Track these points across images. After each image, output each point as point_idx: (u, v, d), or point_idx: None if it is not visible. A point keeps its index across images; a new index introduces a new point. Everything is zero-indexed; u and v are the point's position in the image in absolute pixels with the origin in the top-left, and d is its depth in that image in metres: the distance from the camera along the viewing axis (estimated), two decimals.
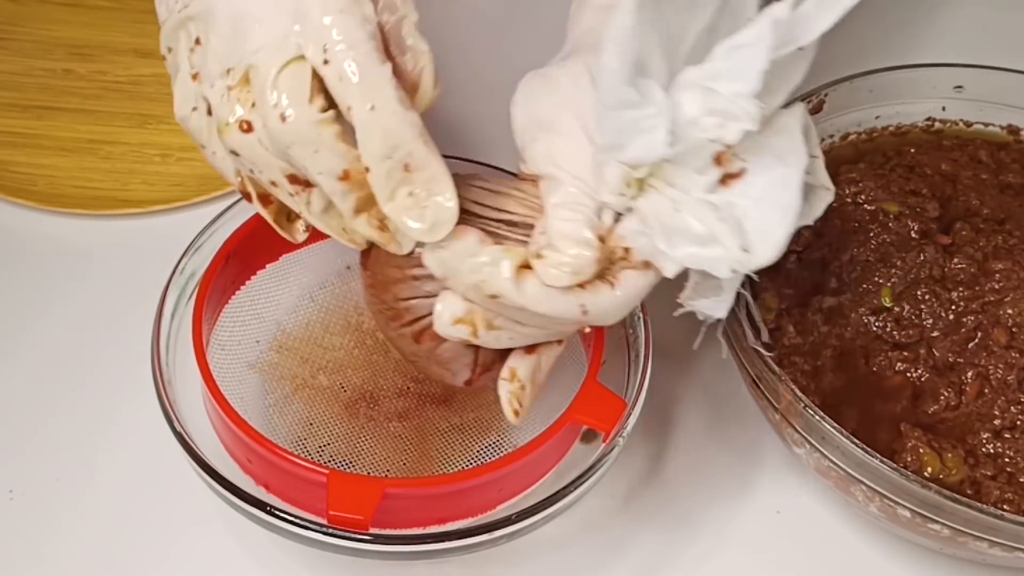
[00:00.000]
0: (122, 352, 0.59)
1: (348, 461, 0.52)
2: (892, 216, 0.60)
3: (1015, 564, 0.51)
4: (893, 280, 0.57)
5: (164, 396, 0.49)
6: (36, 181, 0.67)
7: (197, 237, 0.55)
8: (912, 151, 0.65)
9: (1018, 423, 0.53)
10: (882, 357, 0.55)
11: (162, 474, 0.55)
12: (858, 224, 0.60)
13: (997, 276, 0.57)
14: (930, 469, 0.51)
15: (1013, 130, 0.66)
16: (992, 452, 0.52)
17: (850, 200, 0.61)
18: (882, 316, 0.57)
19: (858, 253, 0.59)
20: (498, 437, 0.54)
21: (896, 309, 0.57)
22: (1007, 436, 0.53)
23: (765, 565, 0.55)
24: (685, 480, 0.57)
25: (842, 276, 0.58)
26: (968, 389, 0.54)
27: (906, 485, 0.47)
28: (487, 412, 0.54)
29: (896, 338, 0.56)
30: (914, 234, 0.59)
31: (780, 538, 0.55)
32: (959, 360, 0.55)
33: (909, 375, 0.55)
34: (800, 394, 0.50)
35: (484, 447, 0.53)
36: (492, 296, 0.42)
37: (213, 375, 0.49)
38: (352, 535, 0.45)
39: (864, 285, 0.57)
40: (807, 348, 0.56)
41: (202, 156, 0.47)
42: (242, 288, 0.55)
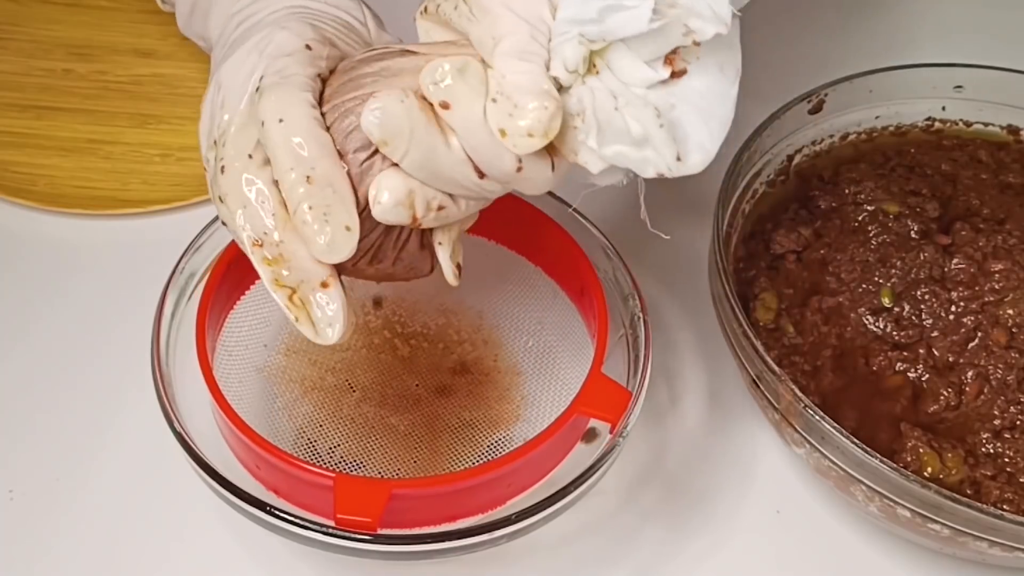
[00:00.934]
0: (122, 352, 0.59)
1: (359, 461, 0.52)
2: (892, 216, 0.60)
3: (1015, 564, 0.51)
4: (893, 280, 0.57)
5: (164, 396, 0.49)
6: (36, 181, 0.67)
7: (197, 237, 0.55)
8: (912, 151, 0.65)
9: (1018, 423, 0.53)
10: (882, 357, 0.55)
11: (162, 474, 0.55)
12: (858, 224, 0.60)
13: (997, 276, 0.57)
14: (930, 469, 0.51)
15: (1013, 130, 0.66)
16: (992, 452, 0.52)
17: (850, 200, 0.61)
18: (882, 316, 0.57)
19: (858, 253, 0.59)
20: (507, 432, 0.54)
21: (896, 309, 0.57)
22: (1007, 436, 0.53)
23: (765, 565, 0.55)
24: (685, 480, 0.57)
25: (842, 276, 0.58)
26: (968, 389, 0.54)
27: (906, 485, 0.47)
28: (495, 408, 0.55)
29: (896, 338, 0.56)
30: (914, 234, 0.59)
31: (780, 538, 0.55)
32: (959, 360, 0.55)
33: (909, 375, 0.55)
34: (800, 394, 0.50)
35: (493, 442, 0.53)
36: (443, 104, 0.41)
37: (219, 385, 0.49)
38: (351, 535, 0.45)
39: (864, 285, 0.58)
40: (807, 348, 0.56)
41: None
42: (247, 292, 0.55)
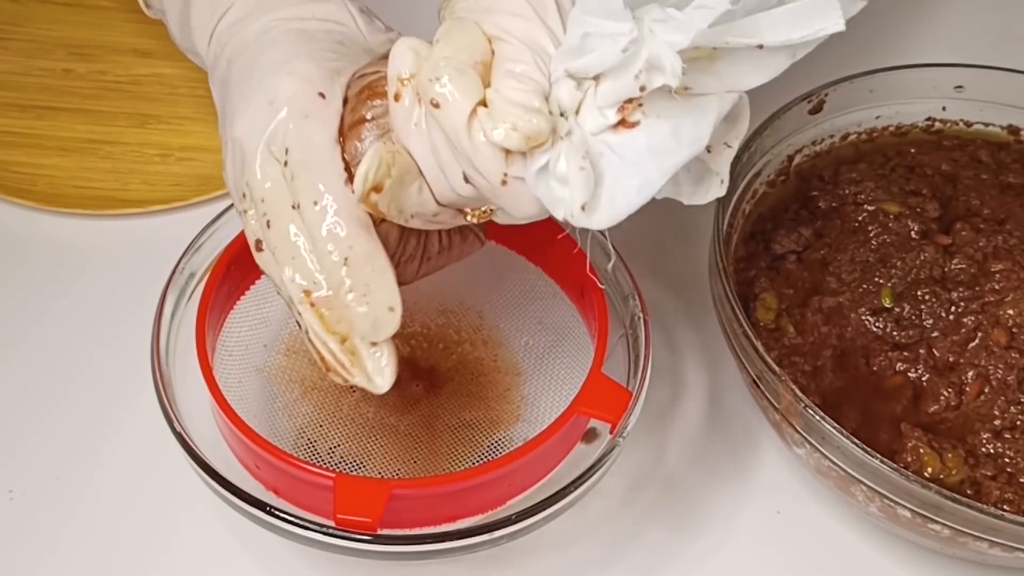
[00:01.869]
0: (122, 352, 0.59)
1: (359, 461, 0.52)
2: (892, 216, 0.60)
3: (1015, 564, 0.51)
4: (893, 280, 0.57)
5: (164, 396, 0.49)
6: (36, 181, 0.67)
7: (197, 237, 0.55)
8: (912, 151, 0.65)
9: (1018, 423, 0.53)
10: (882, 357, 0.55)
11: (162, 474, 0.55)
12: (858, 224, 0.60)
13: (997, 276, 0.57)
14: (930, 469, 0.51)
15: (1013, 130, 0.66)
16: (992, 452, 0.52)
17: (850, 200, 0.61)
18: (882, 316, 0.57)
19: (858, 253, 0.59)
20: (507, 432, 0.54)
21: (896, 309, 0.57)
22: (1007, 436, 0.53)
23: (765, 565, 0.55)
24: (685, 480, 0.57)
25: (842, 276, 0.58)
26: (968, 389, 0.54)
27: (906, 485, 0.47)
28: (495, 408, 0.55)
29: (896, 338, 0.56)
30: (914, 234, 0.59)
31: (780, 538, 0.55)
32: (959, 360, 0.55)
33: (909, 375, 0.55)
34: (800, 394, 0.50)
35: (493, 442, 0.53)
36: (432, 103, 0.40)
37: (219, 385, 0.49)
38: (351, 535, 0.45)
39: (864, 285, 0.57)
40: (807, 348, 0.56)
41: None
42: (247, 293, 0.55)
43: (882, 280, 0.57)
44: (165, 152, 0.69)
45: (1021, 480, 0.52)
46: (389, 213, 0.43)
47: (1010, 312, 0.55)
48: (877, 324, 0.56)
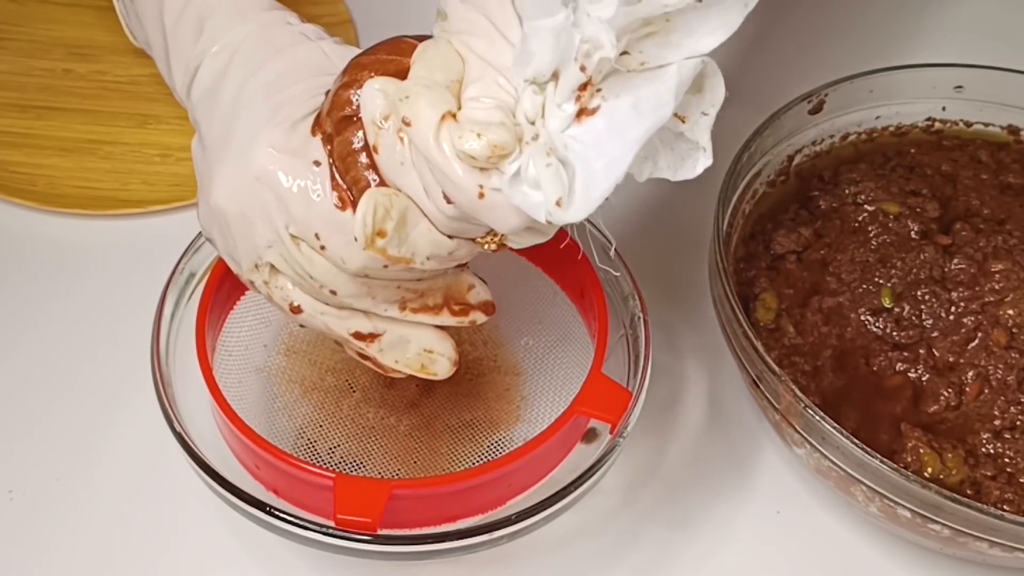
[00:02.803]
0: (122, 352, 0.59)
1: (359, 461, 0.52)
2: (892, 216, 0.60)
3: (1015, 564, 0.51)
4: (893, 280, 0.57)
5: (164, 396, 0.49)
6: (36, 181, 0.67)
7: (197, 237, 0.55)
8: (912, 151, 0.65)
9: (1018, 423, 0.53)
10: (882, 357, 0.55)
11: (162, 474, 0.55)
12: (858, 224, 0.60)
13: (997, 276, 0.57)
14: (930, 469, 0.51)
15: (1013, 130, 0.66)
16: (992, 452, 0.52)
17: (850, 200, 0.61)
18: (882, 316, 0.57)
19: (858, 253, 0.59)
20: (506, 432, 0.54)
21: (896, 309, 0.57)
22: (1007, 436, 0.53)
23: (765, 565, 0.55)
24: (685, 480, 0.57)
25: (842, 276, 0.58)
26: (968, 389, 0.54)
27: (906, 485, 0.47)
28: (495, 408, 0.55)
29: (896, 338, 0.56)
30: (914, 234, 0.59)
31: (780, 538, 0.55)
32: (959, 360, 0.55)
33: (909, 375, 0.55)
34: (800, 394, 0.50)
35: (493, 443, 0.53)
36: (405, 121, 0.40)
37: (219, 385, 0.49)
38: (351, 535, 0.45)
39: (864, 285, 0.58)
40: (807, 348, 0.56)
41: None
42: (247, 293, 0.55)
43: (882, 280, 0.57)
44: (165, 152, 0.69)
45: (1021, 480, 0.52)
46: (401, 257, 0.42)
47: (1010, 312, 0.55)
48: (877, 324, 0.56)
